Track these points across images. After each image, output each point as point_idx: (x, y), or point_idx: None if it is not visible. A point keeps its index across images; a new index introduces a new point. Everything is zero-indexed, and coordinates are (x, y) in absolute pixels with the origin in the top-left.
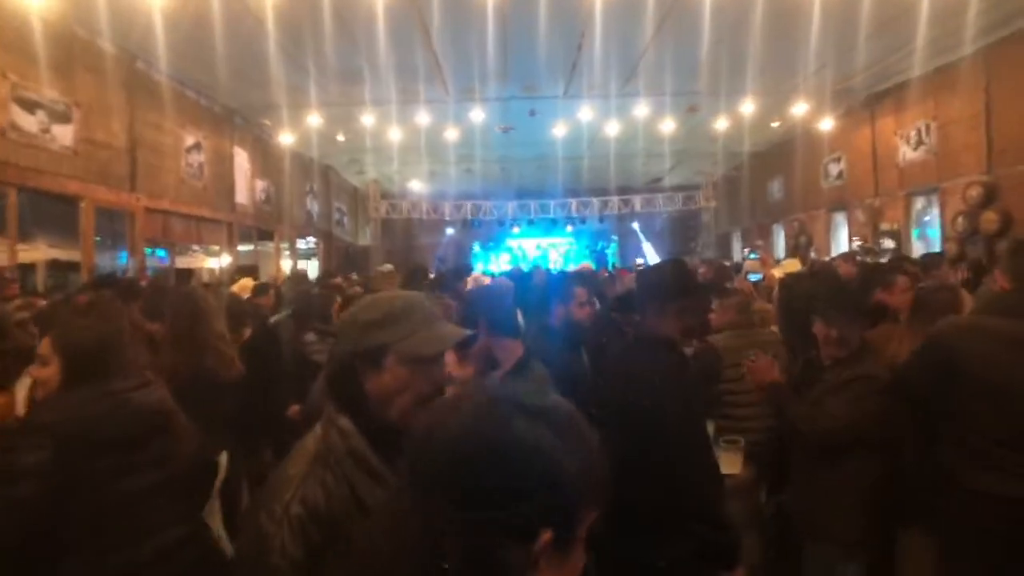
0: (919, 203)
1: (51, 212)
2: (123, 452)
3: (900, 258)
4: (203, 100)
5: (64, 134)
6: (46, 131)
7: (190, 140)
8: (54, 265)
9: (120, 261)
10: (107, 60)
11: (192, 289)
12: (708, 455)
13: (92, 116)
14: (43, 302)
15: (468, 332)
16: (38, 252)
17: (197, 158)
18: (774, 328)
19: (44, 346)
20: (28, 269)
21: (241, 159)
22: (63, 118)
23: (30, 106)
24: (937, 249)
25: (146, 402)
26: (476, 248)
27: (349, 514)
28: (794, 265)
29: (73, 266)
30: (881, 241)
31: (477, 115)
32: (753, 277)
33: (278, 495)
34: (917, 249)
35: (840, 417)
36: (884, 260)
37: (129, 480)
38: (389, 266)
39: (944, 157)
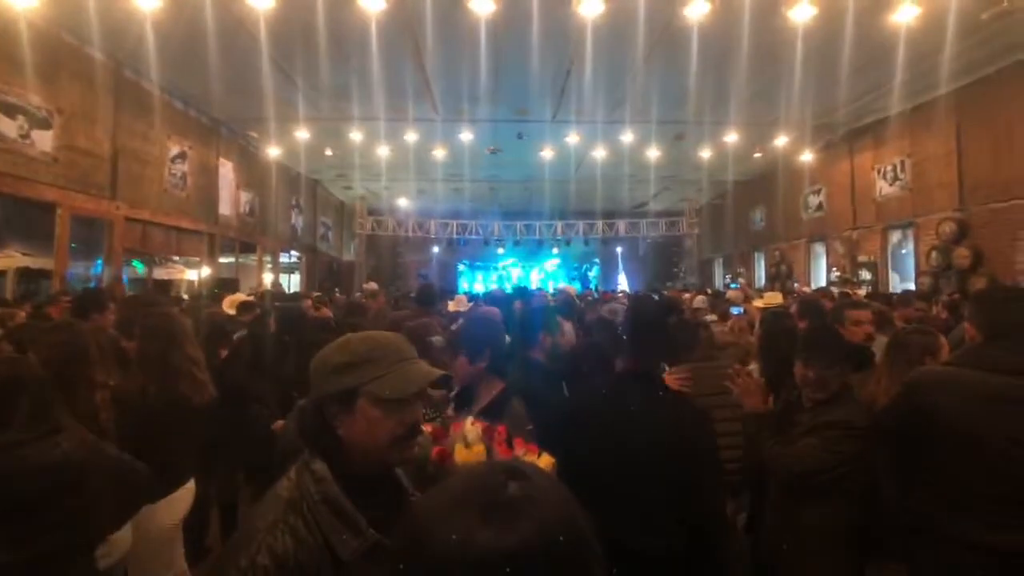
0: (895, 236)
1: (26, 218)
2: (8, 522)
3: (847, 298)
4: (191, 110)
5: (44, 140)
6: (25, 136)
7: (175, 150)
8: (25, 273)
9: (95, 271)
10: (94, 67)
11: (167, 311)
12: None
13: (74, 123)
14: (22, 314)
15: (441, 372)
16: (10, 259)
17: (181, 168)
18: (753, 365)
19: None
20: None
21: (226, 170)
22: (43, 124)
23: (10, 111)
24: (912, 282)
25: (43, 459)
26: (461, 267)
27: (320, 565)
28: (776, 298)
29: (45, 274)
30: (859, 272)
31: (466, 135)
32: (735, 310)
33: (246, 547)
34: (893, 281)
35: (809, 460)
36: (861, 291)
37: (13, 555)
38: (374, 284)
39: (919, 193)
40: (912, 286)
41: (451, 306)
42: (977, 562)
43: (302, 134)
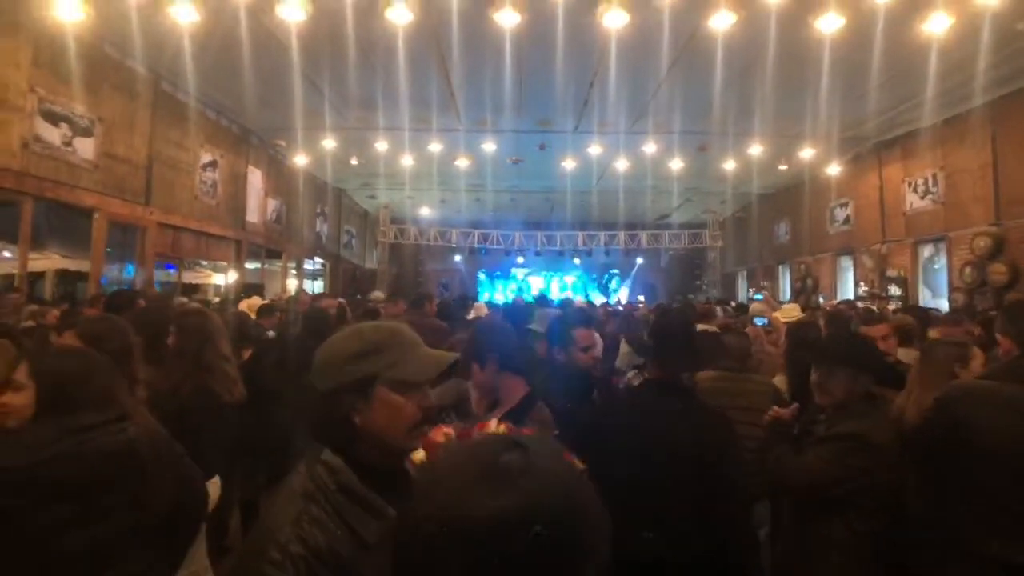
0: (926, 251)
1: (64, 222)
2: (75, 502)
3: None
4: (223, 120)
5: (86, 147)
6: (68, 144)
7: (207, 158)
8: (62, 275)
9: (127, 274)
10: (135, 79)
11: (202, 308)
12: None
13: (114, 131)
14: (55, 312)
15: (454, 356)
16: (48, 261)
17: (212, 176)
18: (779, 377)
19: (21, 371)
20: (37, 277)
21: (255, 178)
22: (86, 132)
23: (55, 119)
24: (944, 298)
25: (110, 443)
26: (481, 277)
27: (351, 553)
28: (794, 310)
29: (81, 276)
30: (888, 287)
31: (488, 146)
32: (759, 321)
33: (273, 539)
34: (924, 296)
35: (816, 472)
36: (891, 307)
37: (77, 535)
38: (379, 293)
39: (952, 207)
40: (944, 302)
41: (472, 314)
42: None
43: (328, 143)
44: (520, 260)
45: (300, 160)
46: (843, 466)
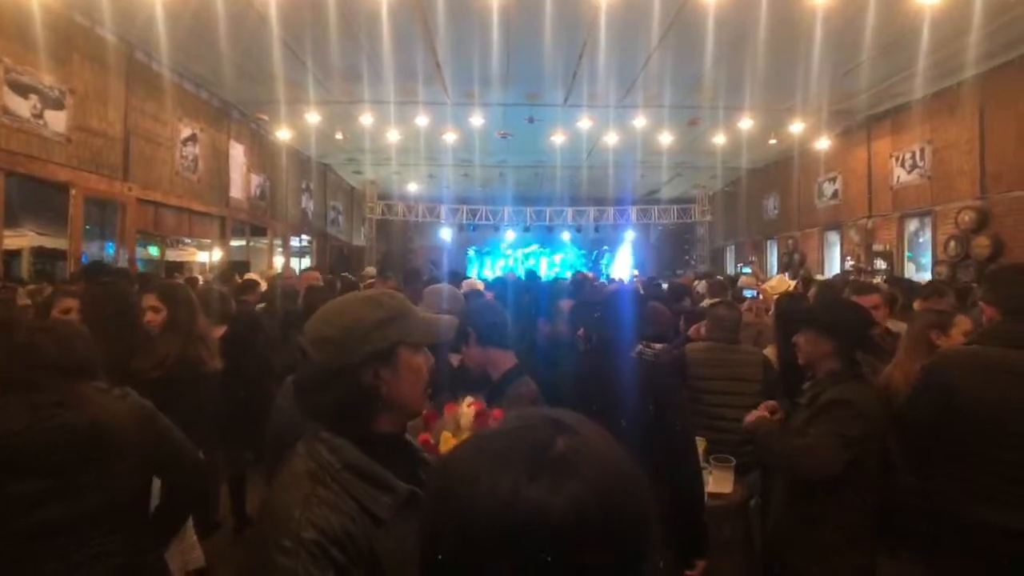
0: (912, 225)
1: (39, 198)
2: (46, 477)
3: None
4: (201, 93)
5: (57, 120)
6: (38, 116)
7: (186, 132)
8: (39, 252)
9: (107, 251)
10: (106, 49)
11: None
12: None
13: (87, 103)
14: (49, 288)
15: (456, 320)
16: (24, 239)
17: (192, 150)
18: (769, 349)
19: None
20: (12, 256)
21: (237, 153)
22: (56, 104)
23: (23, 90)
24: (928, 271)
25: (76, 421)
26: (471, 253)
27: (365, 531)
28: (782, 282)
29: (59, 254)
30: (874, 261)
31: (476, 119)
32: (748, 293)
33: (282, 526)
34: (909, 270)
35: (826, 457)
36: (876, 280)
37: (49, 510)
38: (372, 269)
39: (938, 181)
40: (928, 276)
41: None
42: (1001, 547)
43: (312, 117)
44: (510, 236)
45: (284, 135)
46: (846, 437)
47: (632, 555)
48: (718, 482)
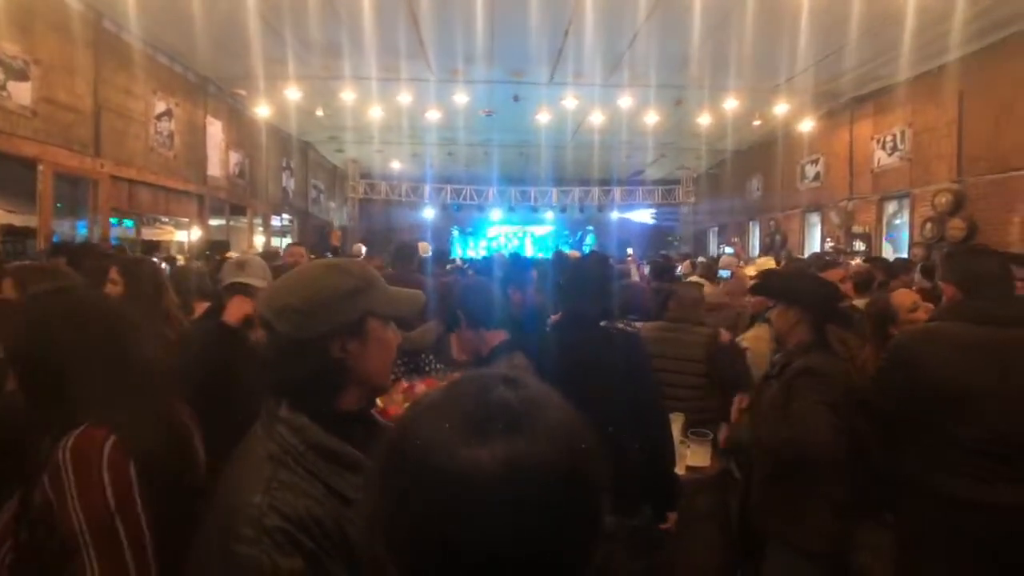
0: (891, 207)
1: (6, 175)
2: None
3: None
4: (176, 66)
5: (21, 92)
6: (1, 88)
7: (161, 107)
8: (8, 231)
9: (80, 230)
10: (72, 17)
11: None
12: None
13: (53, 75)
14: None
15: (422, 295)
16: None
17: (167, 126)
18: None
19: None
20: None
21: (215, 130)
22: (20, 75)
23: None
24: (905, 253)
25: None
26: (455, 233)
27: (334, 513)
28: (768, 263)
29: (30, 232)
30: (853, 243)
31: (460, 97)
32: (723, 273)
33: (241, 514)
34: (887, 252)
35: (825, 433)
36: (855, 261)
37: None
38: (361, 246)
39: (917, 164)
40: (905, 257)
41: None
42: (963, 517)
43: (292, 93)
44: (494, 216)
45: (263, 111)
46: (829, 407)
47: (576, 516)
48: (696, 456)
